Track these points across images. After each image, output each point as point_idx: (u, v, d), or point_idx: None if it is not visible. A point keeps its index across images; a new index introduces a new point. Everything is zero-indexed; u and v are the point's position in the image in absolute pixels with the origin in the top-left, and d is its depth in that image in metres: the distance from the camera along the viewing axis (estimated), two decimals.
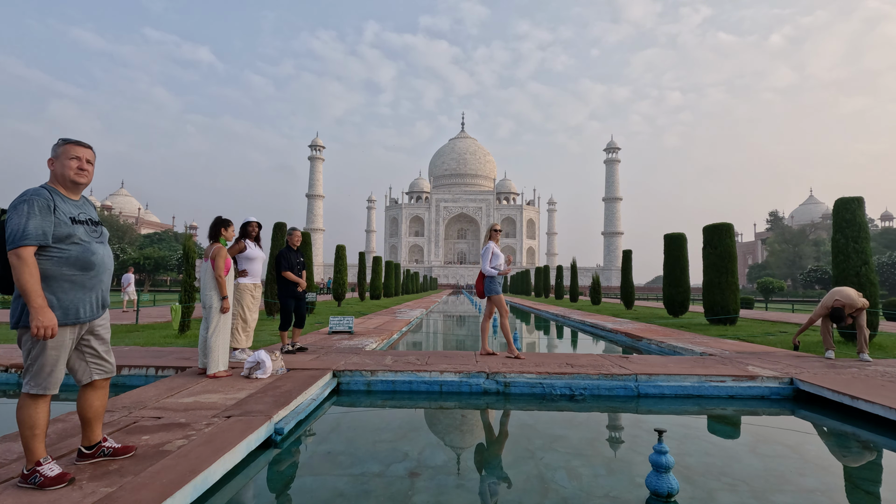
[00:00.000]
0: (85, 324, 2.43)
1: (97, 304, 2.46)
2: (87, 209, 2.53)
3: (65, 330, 2.34)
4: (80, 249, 2.36)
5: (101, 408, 2.61)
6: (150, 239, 79.21)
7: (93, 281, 2.41)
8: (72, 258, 2.33)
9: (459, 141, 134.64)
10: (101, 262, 2.45)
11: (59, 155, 2.41)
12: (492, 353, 6.47)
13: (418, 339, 11.50)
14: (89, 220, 2.48)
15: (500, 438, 3.83)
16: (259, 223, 5.93)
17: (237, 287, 5.73)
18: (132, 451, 2.68)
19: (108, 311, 2.59)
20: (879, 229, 78.58)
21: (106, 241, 2.56)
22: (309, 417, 4.14)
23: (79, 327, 2.41)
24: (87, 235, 2.41)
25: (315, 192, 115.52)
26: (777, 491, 2.75)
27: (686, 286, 14.64)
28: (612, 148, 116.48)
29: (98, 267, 2.43)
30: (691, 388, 5.10)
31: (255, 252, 5.81)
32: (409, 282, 48.56)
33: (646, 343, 9.32)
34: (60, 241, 2.31)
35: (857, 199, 8.64)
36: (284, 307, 6.57)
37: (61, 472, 2.28)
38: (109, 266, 2.52)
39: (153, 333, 8.99)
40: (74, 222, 2.37)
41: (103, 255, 2.47)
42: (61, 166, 2.40)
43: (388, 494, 2.63)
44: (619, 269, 44.99)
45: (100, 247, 2.47)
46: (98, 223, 2.54)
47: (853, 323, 6.67)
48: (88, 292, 2.40)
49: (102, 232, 2.54)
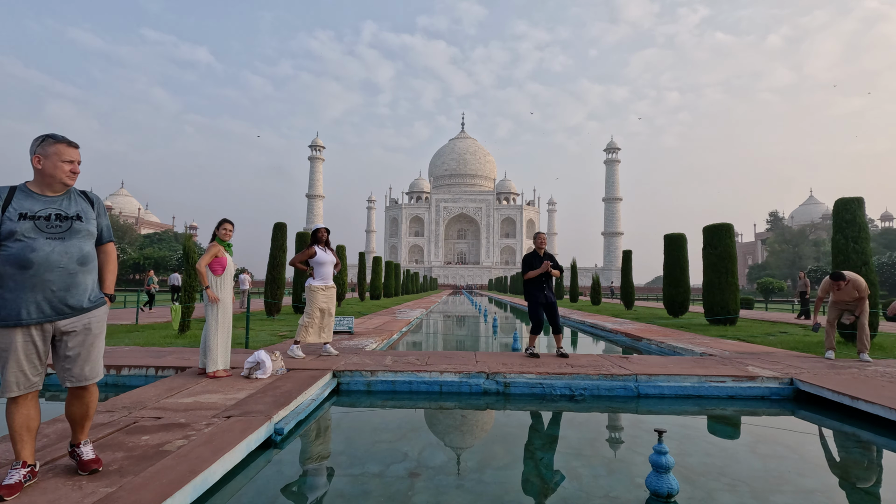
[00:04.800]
0: (44, 325, 2.27)
1: (47, 304, 2.25)
2: (63, 204, 2.35)
3: (13, 332, 2.21)
4: (19, 247, 2.20)
5: (80, 415, 2.48)
6: (150, 239, 79.13)
7: (33, 280, 2.21)
8: (11, 257, 2.19)
9: (459, 141, 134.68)
10: (44, 260, 2.22)
11: (49, 154, 2.29)
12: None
13: (418, 339, 11.50)
14: (55, 216, 2.30)
15: (500, 439, 3.82)
16: (328, 229, 6.45)
17: (308, 288, 6.21)
18: (95, 467, 2.42)
19: (90, 313, 2.39)
20: (879, 229, 78.65)
21: (74, 237, 2.33)
22: (309, 418, 4.14)
23: (37, 329, 2.26)
24: (33, 231, 2.22)
25: (315, 193, 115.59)
26: (777, 491, 2.75)
27: (686, 286, 14.64)
28: (611, 148, 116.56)
29: (39, 265, 2.21)
30: (691, 388, 5.10)
31: (323, 256, 6.26)
32: (409, 282, 48.57)
33: (646, 343, 9.32)
34: (5, 239, 2.20)
35: (857, 200, 8.65)
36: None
37: (15, 483, 2.19)
38: (62, 263, 2.26)
39: (153, 333, 8.99)
40: (24, 218, 2.22)
41: (49, 252, 2.23)
42: (52, 167, 2.30)
43: (387, 495, 2.63)
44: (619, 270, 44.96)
45: (49, 243, 2.25)
46: (71, 217, 2.34)
47: (854, 322, 6.67)
48: (30, 292, 2.21)
49: (71, 226, 2.32)
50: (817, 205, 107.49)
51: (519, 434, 3.89)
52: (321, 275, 6.28)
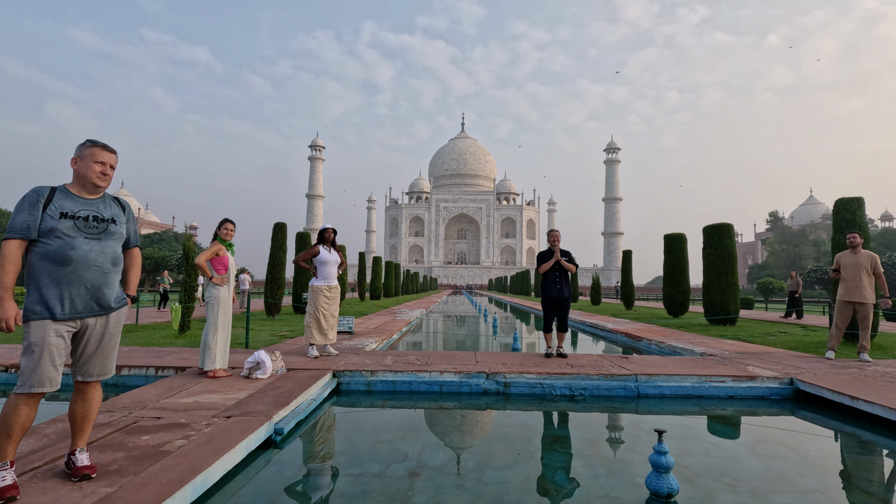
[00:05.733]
0: (74, 321, 2.33)
1: (81, 301, 2.33)
2: (99, 207, 2.45)
3: (46, 325, 2.26)
4: (59, 244, 2.29)
5: (80, 415, 2.48)
6: (150, 239, 79.13)
7: (70, 276, 2.30)
8: (50, 252, 2.28)
9: (459, 141, 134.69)
10: (83, 258, 2.32)
11: (84, 156, 2.41)
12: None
13: (418, 339, 11.50)
14: (92, 217, 2.39)
15: (500, 439, 3.82)
16: (335, 229, 6.43)
17: (310, 288, 6.23)
18: (86, 473, 2.37)
19: (115, 313, 2.48)
20: (879, 229, 78.53)
21: (109, 238, 2.44)
22: (309, 418, 4.14)
23: (66, 325, 2.31)
24: (73, 230, 2.32)
25: (315, 193, 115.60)
26: (777, 491, 2.75)
27: (686, 286, 14.64)
28: (612, 148, 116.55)
29: (77, 262, 2.31)
30: (691, 388, 5.10)
31: (326, 256, 6.28)
32: (409, 282, 48.56)
33: (646, 343, 9.32)
34: (45, 236, 2.29)
35: (857, 200, 8.65)
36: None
37: (9, 485, 2.17)
38: (98, 262, 2.37)
39: (153, 333, 8.98)
40: (64, 217, 2.31)
41: (87, 251, 2.34)
42: (85, 167, 2.40)
43: (387, 495, 2.63)
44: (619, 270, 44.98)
45: (88, 242, 2.35)
46: (107, 220, 2.44)
47: (855, 322, 6.66)
48: (67, 288, 2.30)
49: (107, 228, 2.43)
50: (817, 205, 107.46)
51: (519, 434, 3.88)
52: (323, 274, 6.30)
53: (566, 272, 6.50)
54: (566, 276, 6.55)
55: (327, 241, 6.34)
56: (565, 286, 6.52)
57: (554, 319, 6.60)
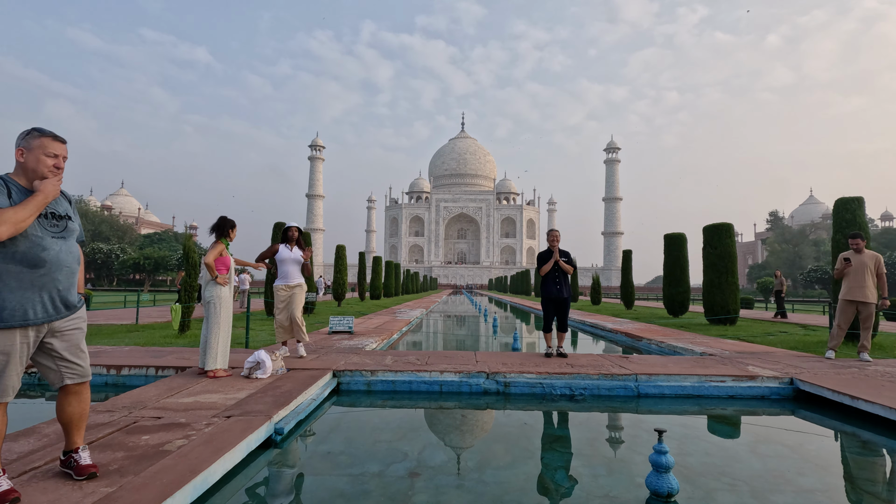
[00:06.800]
0: (41, 326, 2.20)
1: (51, 304, 2.21)
2: (55, 203, 2.28)
3: (12, 333, 2.11)
4: (28, 244, 2.12)
5: (78, 415, 2.40)
6: (150, 239, 79.27)
7: (43, 279, 2.16)
8: (18, 254, 2.10)
9: (459, 141, 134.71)
10: (55, 259, 2.19)
11: (33, 147, 2.20)
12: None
13: (418, 339, 11.50)
14: (52, 214, 2.24)
15: (500, 438, 3.82)
16: (299, 228, 6.31)
17: (274, 289, 6.16)
18: (91, 472, 2.36)
19: (79, 312, 2.36)
20: (879, 229, 78.54)
21: (71, 236, 2.31)
22: (309, 417, 4.14)
23: (34, 330, 2.18)
24: (39, 229, 2.17)
25: (315, 192, 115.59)
26: (777, 491, 2.75)
27: (686, 286, 14.64)
28: (612, 148, 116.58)
29: (49, 264, 2.18)
30: (691, 388, 5.10)
31: (284, 254, 6.14)
32: (409, 282, 48.57)
33: (646, 343, 9.32)
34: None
35: (857, 200, 8.65)
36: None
37: (7, 490, 2.10)
38: (68, 263, 2.26)
39: (153, 333, 8.99)
40: None
41: (58, 252, 2.21)
42: (35, 160, 2.20)
43: (387, 494, 2.63)
44: (619, 269, 45.03)
45: (56, 242, 2.22)
46: (64, 217, 2.29)
47: (856, 322, 6.65)
48: (38, 291, 2.16)
49: (67, 226, 2.29)
50: (817, 204, 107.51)
51: (519, 434, 3.88)
52: (281, 273, 6.15)
53: (566, 272, 6.53)
54: (566, 277, 6.58)
55: (291, 239, 6.20)
56: (565, 286, 6.55)
57: (554, 319, 6.61)
